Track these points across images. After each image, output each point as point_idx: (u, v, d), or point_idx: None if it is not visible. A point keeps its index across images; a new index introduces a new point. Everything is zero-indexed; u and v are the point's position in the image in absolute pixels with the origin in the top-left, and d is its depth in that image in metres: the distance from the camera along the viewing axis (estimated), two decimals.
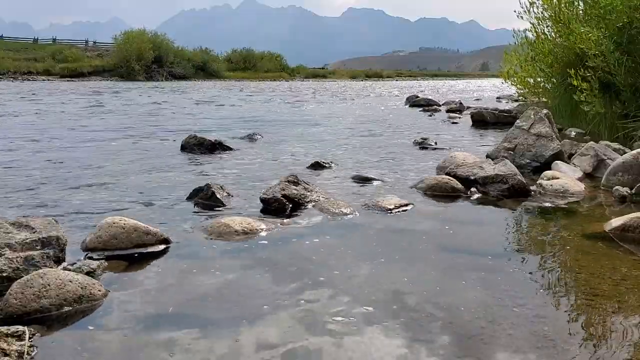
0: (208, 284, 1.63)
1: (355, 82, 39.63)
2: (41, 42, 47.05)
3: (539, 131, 3.71)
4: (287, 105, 11.64)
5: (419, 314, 1.42)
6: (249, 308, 1.45)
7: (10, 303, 1.38)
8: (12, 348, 1.18)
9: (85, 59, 36.19)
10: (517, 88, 7.36)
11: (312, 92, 18.90)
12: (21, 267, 1.62)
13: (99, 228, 1.93)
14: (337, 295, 1.54)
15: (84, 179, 3.24)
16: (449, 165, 3.30)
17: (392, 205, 2.54)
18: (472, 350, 1.24)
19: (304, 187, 2.68)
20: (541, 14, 6.39)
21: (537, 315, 1.43)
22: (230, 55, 45.60)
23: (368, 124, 7.16)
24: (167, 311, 1.44)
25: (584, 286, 1.64)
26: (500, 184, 2.87)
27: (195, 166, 3.81)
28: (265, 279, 1.67)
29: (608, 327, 1.37)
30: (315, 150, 4.57)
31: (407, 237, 2.12)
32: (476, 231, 2.28)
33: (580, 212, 2.57)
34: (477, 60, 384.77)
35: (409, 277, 1.70)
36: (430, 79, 54.82)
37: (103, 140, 5.19)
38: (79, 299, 1.45)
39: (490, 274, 1.73)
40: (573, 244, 2.08)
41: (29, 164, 3.75)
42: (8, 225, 1.77)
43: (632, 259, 1.88)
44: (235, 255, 1.90)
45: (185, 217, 2.38)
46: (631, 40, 4.73)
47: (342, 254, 1.92)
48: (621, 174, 3.02)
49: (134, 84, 24.33)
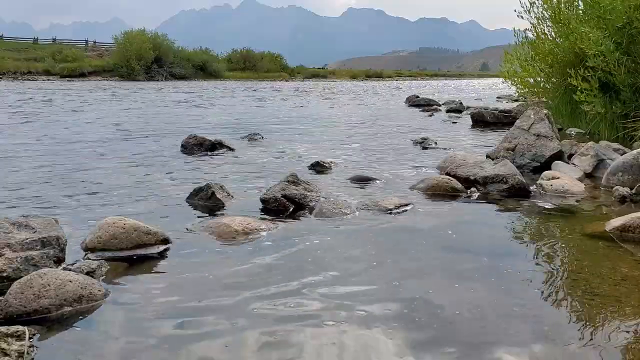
0: (208, 284, 1.63)
1: (355, 82, 39.62)
2: (41, 42, 47.03)
3: (539, 131, 3.71)
4: (287, 105, 11.64)
5: (419, 314, 1.42)
6: (248, 308, 1.45)
7: (10, 303, 1.38)
8: (12, 348, 1.18)
9: (85, 59, 36.17)
10: (517, 88, 7.36)
11: (312, 92, 18.89)
12: (21, 267, 1.62)
13: (99, 228, 1.92)
14: (337, 295, 1.54)
15: (84, 179, 3.24)
16: (449, 165, 3.30)
17: (392, 205, 2.54)
18: (472, 350, 1.24)
19: (304, 187, 2.68)
20: (541, 13, 6.38)
21: (537, 315, 1.43)
22: (230, 55, 45.56)
23: (368, 124, 7.16)
24: (167, 311, 1.44)
25: (584, 286, 1.64)
26: (500, 184, 2.87)
27: (195, 166, 3.81)
28: (266, 279, 1.67)
29: (608, 327, 1.37)
30: (315, 150, 4.57)
31: (407, 237, 2.12)
32: (476, 231, 2.28)
33: (580, 212, 2.57)
34: (477, 60, 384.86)
35: (409, 277, 1.69)
36: (430, 79, 54.80)
37: (103, 140, 5.19)
38: (78, 299, 1.45)
39: (490, 273, 1.73)
40: (573, 243, 2.08)
41: (28, 164, 3.75)
42: (8, 225, 1.77)
43: (632, 259, 1.88)
44: (235, 255, 1.90)
45: (185, 217, 2.38)
46: (631, 40, 4.73)
47: (342, 253, 1.92)
48: (621, 174, 3.02)
49: (134, 84, 24.33)
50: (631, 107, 4.74)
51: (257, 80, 35.15)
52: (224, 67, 40.23)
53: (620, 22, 4.67)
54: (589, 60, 4.80)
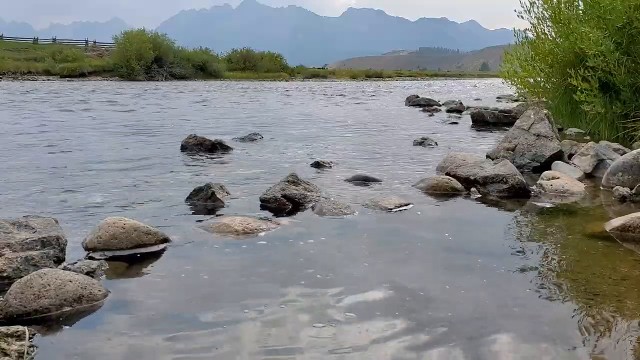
0: (208, 284, 1.63)
1: (355, 82, 39.64)
2: (41, 42, 47.05)
3: (539, 131, 3.71)
4: (287, 105, 11.64)
5: (419, 314, 1.42)
6: (248, 308, 1.45)
7: (10, 303, 1.38)
8: (12, 348, 1.18)
9: (85, 59, 36.18)
10: (517, 88, 7.36)
11: (312, 92, 18.90)
12: (21, 267, 1.62)
13: (99, 228, 1.92)
14: (337, 295, 1.54)
15: (84, 178, 3.24)
16: (449, 165, 3.30)
17: (392, 205, 2.54)
18: (472, 350, 1.24)
19: (304, 187, 2.68)
20: (541, 13, 6.39)
21: (537, 315, 1.43)
22: (230, 55, 45.57)
23: (368, 124, 7.16)
24: (167, 311, 1.44)
25: (584, 286, 1.64)
26: (500, 184, 2.87)
27: (195, 166, 3.81)
28: (265, 279, 1.67)
29: (608, 327, 1.37)
30: (315, 150, 4.57)
31: (407, 237, 2.12)
32: (476, 231, 2.28)
33: (580, 212, 2.57)
34: (477, 60, 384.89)
35: (409, 277, 1.69)
36: (430, 79, 54.80)
37: (103, 140, 5.19)
38: (79, 299, 1.45)
39: (490, 273, 1.73)
40: (573, 243, 2.08)
41: (28, 164, 3.75)
42: (8, 225, 1.77)
43: (632, 259, 1.88)
44: (235, 255, 1.90)
45: (185, 217, 2.38)
46: (631, 40, 4.73)
47: (342, 253, 1.92)
48: (621, 174, 3.02)
49: (134, 84, 24.34)
50: (631, 107, 4.74)
51: (257, 80, 35.14)
52: (224, 67, 40.25)
53: (620, 22, 4.67)
54: (589, 60, 4.80)
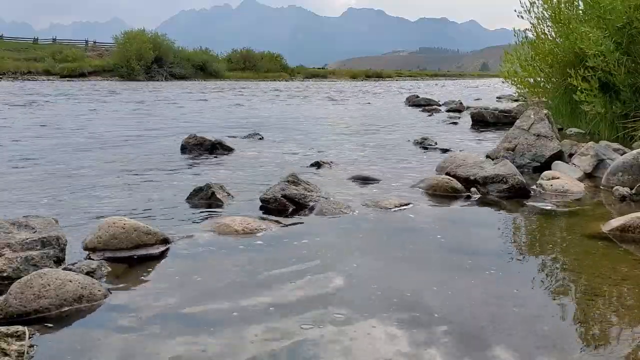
0: (208, 284, 1.63)
1: (355, 82, 39.63)
2: (41, 42, 47.03)
3: (539, 131, 3.71)
4: (287, 105, 11.64)
5: (419, 313, 1.42)
6: (249, 307, 1.45)
7: (10, 303, 1.38)
8: (12, 348, 1.18)
9: (85, 59, 36.17)
10: (517, 88, 7.36)
11: (312, 92, 18.89)
12: (21, 267, 1.62)
13: (99, 228, 1.92)
14: (337, 294, 1.54)
15: (84, 179, 3.24)
16: (449, 165, 3.30)
17: (392, 205, 2.54)
18: (471, 350, 1.24)
19: (304, 187, 2.68)
20: (541, 13, 6.38)
21: (537, 315, 1.43)
22: (230, 55, 45.55)
23: (368, 124, 7.16)
24: (167, 311, 1.44)
25: (584, 286, 1.64)
26: (500, 184, 2.87)
27: (195, 166, 3.81)
28: (265, 279, 1.67)
29: (608, 327, 1.37)
30: (315, 150, 4.57)
31: (407, 237, 2.12)
32: (476, 231, 2.28)
33: (581, 212, 2.57)
34: (477, 60, 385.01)
35: (409, 276, 1.70)
36: (430, 79, 54.79)
37: (103, 140, 5.19)
38: (79, 299, 1.45)
39: (490, 273, 1.73)
40: (573, 244, 2.08)
41: (28, 164, 3.75)
42: (8, 225, 1.77)
43: (632, 259, 1.88)
44: (235, 255, 1.90)
45: (186, 217, 2.38)
46: (631, 40, 4.73)
47: (342, 253, 1.92)
48: (621, 174, 3.02)
49: (134, 84, 24.34)
50: (631, 107, 4.74)
51: (257, 80, 35.14)
52: (224, 67, 40.23)
53: (620, 22, 4.67)
54: (589, 60, 4.80)
